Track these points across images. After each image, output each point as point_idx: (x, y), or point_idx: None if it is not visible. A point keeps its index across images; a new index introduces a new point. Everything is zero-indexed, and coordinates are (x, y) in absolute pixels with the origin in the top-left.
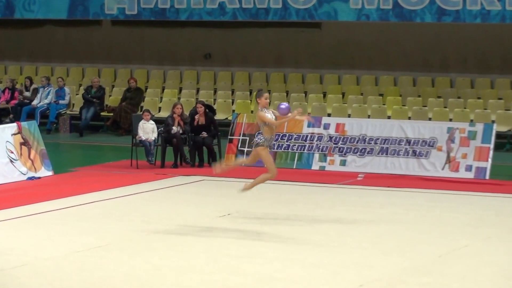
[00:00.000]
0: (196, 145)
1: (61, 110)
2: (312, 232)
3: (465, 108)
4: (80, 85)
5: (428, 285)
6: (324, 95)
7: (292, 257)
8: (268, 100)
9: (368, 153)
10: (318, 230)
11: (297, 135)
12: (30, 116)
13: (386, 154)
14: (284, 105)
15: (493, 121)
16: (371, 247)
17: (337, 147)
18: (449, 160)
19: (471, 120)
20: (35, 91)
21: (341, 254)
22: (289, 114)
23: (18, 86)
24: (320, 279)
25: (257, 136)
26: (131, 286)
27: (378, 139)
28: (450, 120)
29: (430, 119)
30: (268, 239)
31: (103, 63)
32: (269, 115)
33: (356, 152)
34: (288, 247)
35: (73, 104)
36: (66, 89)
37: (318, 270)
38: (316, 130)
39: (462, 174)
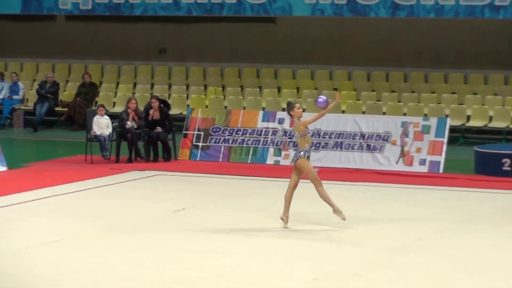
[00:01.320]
0: (150, 140)
1: (15, 105)
2: (269, 226)
3: (419, 102)
4: (34, 80)
5: (382, 278)
6: (279, 90)
7: (248, 251)
8: (301, 110)
9: (322, 147)
10: (274, 224)
11: (252, 130)
12: None
13: (341, 148)
14: (321, 98)
15: (446, 115)
16: (327, 240)
17: (291, 141)
18: (403, 154)
19: (425, 115)
20: None
21: (297, 247)
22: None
23: None
24: (276, 273)
25: (295, 151)
26: (86, 282)
27: (333, 133)
28: (404, 114)
29: (384, 113)
30: (224, 234)
31: (58, 58)
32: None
33: (311, 147)
34: (245, 241)
35: (27, 99)
36: (20, 84)
37: (275, 264)
38: (271, 124)
39: (416, 168)
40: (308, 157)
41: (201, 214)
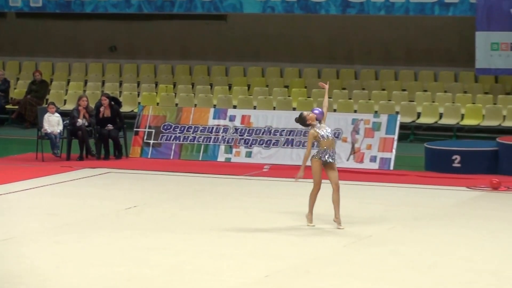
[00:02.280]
0: (101, 138)
1: None
2: (220, 223)
3: (369, 99)
4: None
5: (333, 274)
6: (230, 87)
7: (200, 248)
8: (310, 114)
9: (273, 144)
10: (226, 221)
11: (203, 127)
12: None
13: (292, 145)
14: (317, 110)
15: (397, 112)
16: (278, 237)
17: (242, 138)
18: (354, 151)
19: (376, 112)
20: None
21: (248, 244)
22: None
23: None
24: (227, 270)
25: None
26: (38, 280)
27: (284, 130)
28: (355, 111)
29: (335, 110)
30: (176, 231)
31: (8, 55)
32: (321, 131)
33: (262, 144)
34: (196, 238)
35: None
36: None
37: (226, 261)
38: (221, 122)
39: (367, 165)
40: (320, 158)
41: (153, 212)
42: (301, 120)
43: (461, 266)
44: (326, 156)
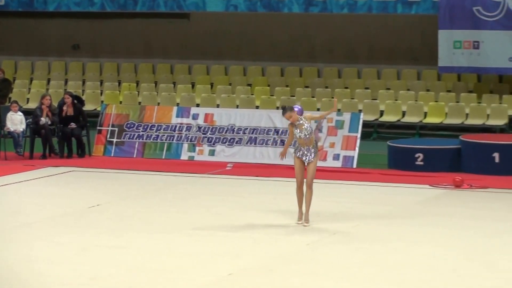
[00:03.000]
0: (64, 136)
1: None
2: (183, 222)
3: (332, 97)
4: None
5: (296, 272)
6: (193, 86)
7: (163, 246)
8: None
9: (237, 143)
10: (189, 220)
11: (166, 126)
12: None
13: (255, 143)
14: (297, 107)
15: (360, 111)
16: (241, 236)
17: (206, 137)
18: (317, 149)
19: (339, 110)
20: None
21: (211, 243)
22: (323, 112)
23: None
24: (190, 268)
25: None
26: (1, 278)
27: (247, 129)
28: (318, 109)
29: None
30: (139, 229)
31: None
32: (297, 129)
33: (225, 142)
34: (159, 236)
35: None
36: None
37: (189, 260)
38: (185, 120)
39: (330, 163)
40: (296, 153)
41: (116, 210)
42: (284, 112)
43: (424, 263)
44: (299, 154)
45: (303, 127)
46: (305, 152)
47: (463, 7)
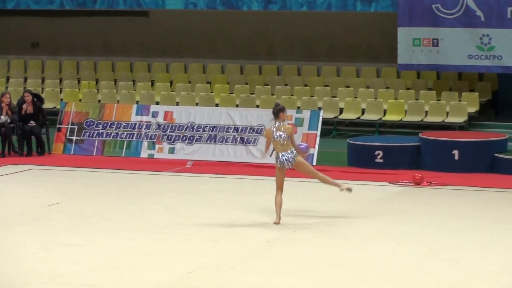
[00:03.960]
0: (24, 134)
1: None
2: (143, 220)
3: (292, 95)
4: None
5: (256, 270)
6: (152, 83)
7: (123, 245)
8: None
9: (196, 140)
10: (149, 218)
11: (125, 123)
12: None
13: (215, 141)
14: (303, 145)
15: (319, 108)
16: (201, 234)
17: (165, 135)
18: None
19: (298, 107)
20: None
21: (171, 241)
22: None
23: None
24: (150, 266)
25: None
26: None
27: (207, 126)
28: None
29: (257, 106)
30: (98, 227)
31: None
32: (277, 133)
33: (185, 140)
34: (118, 234)
35: None
36: None
37: (149, 258)
38: (144, 118)
39: None
40: (277, 162)
41: (76, 208)
42: (281, 109)
43: (383, 261)
44: (278, 162)
45: (282, 129)
46: (282, 160)
47: (422, 4)
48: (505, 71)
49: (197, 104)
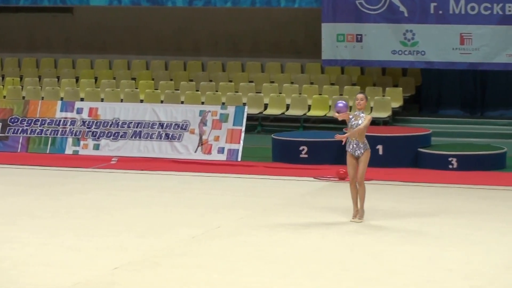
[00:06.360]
0: None
1: None
2: (67, 216)
3: (216, 91)
4: None
5: (182, 266)
6: (77, 80)
7: (47, 241)
8: (362, 101)
9: (121, 136)
10: (74, 214)
11: (50, 120)
12: None
13: (140, 137)
14: (342, 103)
15: (244, 104)
16: (126, 230)
17: (90, 131)
18: (201, 142)
19: (223, 103)
20: None
21: (96, 237)
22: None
23: None
24: (75, 263)
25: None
26: None
27: (131, 122)
28: (202, 103)
29: (182, 102)
30: (24, 224)
31: None
32: (360, 121)
33: (110, 136)
34: (43, 231)
35: None
36: None
37: (74, 254)
38: (69, 114)
39: (215, 156)
40: (346, 147)
41: (0, 206)
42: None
43: (309, 256)
44: (350, 148)
45: (358, 117)
46: (355, 146)
47: (346, 0)
48: (428, 66)
49: (121, 100)
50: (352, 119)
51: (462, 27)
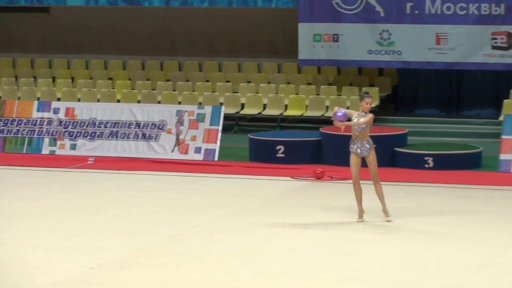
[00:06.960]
0: None
1: None
2: (44, 216)
3: (193, 91)
4: None
5: (160, 265)
6: (54, 80)
7: (24, 241)
8: (367, 105)
9: (98, 136)
10: (51, 214)
11: (26, 120)
12: None
13: (116, 137)
14: (340, 112)
15: (221, 104)
16: (104, 230)
17: (67, 131)
18: (178, 142)
19: (200, 103)
20: None
21: (73, 237)
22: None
23: None
24: (53, 263)
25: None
26: None
27: (108, 122)
28: (179, 103)
29: (159, 102)
30: (0, 225)
31: None
32: (361, 119)
33: (86, 136)
34: (20, 231)
35: None
36: None
37: (51, 254)
38: (46, 114)
39: (192, 156)
40: (351, 149)
41: None
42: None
43: (285, 255)
44: (354, 148)
45: (362, 117)
46: (359, 146)
47: (322, 0)
48: (404, 66)
49: (98, 100)
50: (355, 120)
51: (438, 27)
